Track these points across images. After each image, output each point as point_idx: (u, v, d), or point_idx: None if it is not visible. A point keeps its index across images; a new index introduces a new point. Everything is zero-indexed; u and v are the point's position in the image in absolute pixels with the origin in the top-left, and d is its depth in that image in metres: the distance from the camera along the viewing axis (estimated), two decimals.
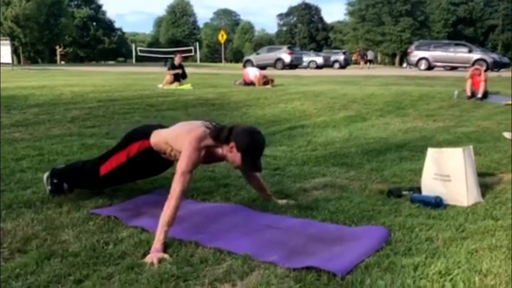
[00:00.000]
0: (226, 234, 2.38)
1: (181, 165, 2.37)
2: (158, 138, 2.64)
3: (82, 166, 2.93)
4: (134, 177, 2.80)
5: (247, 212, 2.75)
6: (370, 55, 35.95)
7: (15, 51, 36.77)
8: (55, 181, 2.93)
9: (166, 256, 2.10)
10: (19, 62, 42.04)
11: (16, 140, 4.88)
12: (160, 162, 2.70)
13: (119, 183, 2.84)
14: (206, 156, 2.48)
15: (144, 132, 2.73)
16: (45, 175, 2.99)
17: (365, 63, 33.81)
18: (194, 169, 2.45)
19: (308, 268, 1.96)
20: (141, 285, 1.85)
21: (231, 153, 2.46)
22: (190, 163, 2.37)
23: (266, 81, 11.70)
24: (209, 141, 2.46)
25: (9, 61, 23.04)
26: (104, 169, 2.75)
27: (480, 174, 3.31)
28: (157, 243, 2.18)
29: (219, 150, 2.51)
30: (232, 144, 2.44)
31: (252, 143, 2.47)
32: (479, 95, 9.12)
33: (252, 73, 12.26)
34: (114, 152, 2.78)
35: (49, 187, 2.94)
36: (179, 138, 2.51)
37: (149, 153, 2.66)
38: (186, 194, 2.62)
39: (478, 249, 2.16)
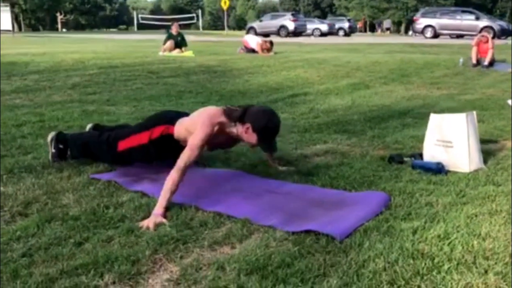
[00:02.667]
0: (226, 198, 2.39)
1: (192, 140, 2.41)
2: (180, 125, 2.66)
3: (97, 138, 2.89)
4: (151, 159, 2.76)
5: (247, 177, 2.75)
6: (387, 23, 36.10)
7: (15, 18, 36.33)
8: (60, 146, 2.92)
9: (164, 221, 2.11)
10: (20, 29, 41.58)
11: (17, 106, 4.87)
12: (179, 149, 2.64)
13: (135, 161, 2.78)
14: (219, 133, 2.50)
15: (170, 118, 2.72)
16: (50, 136, 2.97)
17: (382, 31, 33.59)
18: (207, 147, 2.49)
19: (307, 232, 1.96)
20: (141, 248, 1.86)
21: (247, 134, 2.49)
22: (201, 137, 2.40)
23: (268, 46, 11.47)
24: (222, 118, 2.50)
25: (10, 28, 22.81)
26: (123, 145, 2.72)
27: (483, 141, 3.29)
28: (158, 207, 2.19)
29: (233, 130, 2.53)
30: (248, 125, 2.46)
31: (268, 124, 2.50)
32: (486, 62, 8.98)
33: (254, 40, 12.08)
34: (135, 131, 2.75)
35: (53, 151, 2.93)
36: (195, 121, 2.54)
37: (171, 139, 2.67)
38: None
39: (478, 214, 2.16)
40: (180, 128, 2.64)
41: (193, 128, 2.52)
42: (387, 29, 35.20)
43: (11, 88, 5.83)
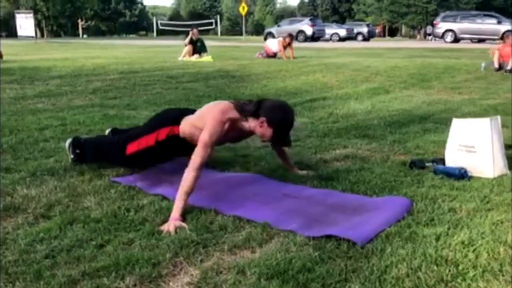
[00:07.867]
0: (246, 202, 2.38)
1: (204, 137, 2.37)
2: (185, 123, 2.63)
3: (108, 141, 2.93)
4: (160, 160, 2.79)
5: (266, 181, 2.74)
6: (429, 29, 35.99)
7: (38, 25, 37.07)
8: (77, 151, 2.97)
9: (184, 224, 2.11)
10: (42, 35, 42.41)
11: (39, 110, 4.96)
12: (187, 148, 2.63)
13: (144, 163, 2.80)
14: (231, 129, 2.47)
15: (174, 118, 2.70)
16: (67, 142, 3.03)
17: (424, 37, 33.30)
18: (217, 143, 2.46)
19: (328, 237, 1.94)
20: (161, 251, 1.86)
21: (261, 128, 2.46)
22: (212, 135, 2.37)
23: (288, 41, 11.60)
24: (233, 114, 2.46)
25: (33, 34, 23.29)
26: (131, 148, 2.73)
27: (507, 147, 3.21)
28: (176, 211, 2.19)
29: (246, 124, 2.50)
30: (263, 119, 2.43)
31: (284, 118, 2.48)
32: (509, 67, 8.81)
33: (275, 43, 12.15)
34: (142, 134, 2.75)
35: (72, 156, 2.98)
36: (203, 117, 2.51)
37: (178, 139, 2.66)
38: (207, 164, 2.60)
39: (503, 221, 2.11)
40: (186, 126, 2.61)
41: (201, 123, 2.48)
42: (429, 34, 34.96)
43: (34, 92, 5.94)
